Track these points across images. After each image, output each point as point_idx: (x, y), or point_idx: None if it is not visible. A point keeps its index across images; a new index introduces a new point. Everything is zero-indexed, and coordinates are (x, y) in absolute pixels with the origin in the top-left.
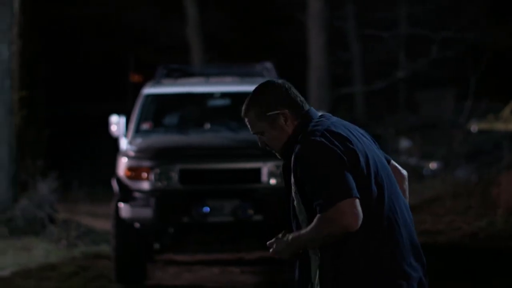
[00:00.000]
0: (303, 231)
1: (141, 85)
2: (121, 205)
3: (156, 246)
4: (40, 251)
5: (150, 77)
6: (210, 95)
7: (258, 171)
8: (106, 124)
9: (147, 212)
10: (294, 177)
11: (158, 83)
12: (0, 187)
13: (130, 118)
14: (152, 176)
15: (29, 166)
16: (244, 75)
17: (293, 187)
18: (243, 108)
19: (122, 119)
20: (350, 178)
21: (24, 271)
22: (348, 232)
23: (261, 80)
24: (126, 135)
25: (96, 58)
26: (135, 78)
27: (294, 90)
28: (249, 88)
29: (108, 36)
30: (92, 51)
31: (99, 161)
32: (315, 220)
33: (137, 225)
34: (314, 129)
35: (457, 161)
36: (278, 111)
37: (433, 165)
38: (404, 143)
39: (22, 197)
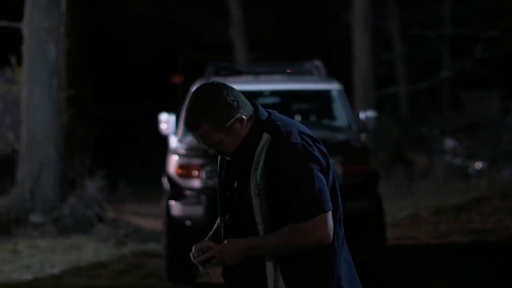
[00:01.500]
0: (265, 238)
1: (182, 86)
2: (172, 203)
3: None
4: (89, 250)
5: (196, 76)
6: (259, 93)
7: None
8: (153, 123)
9: (198, 210)
10: (265, 177)
11: (207, 81)
12: (48, 186)
13: (180, 116)
14: (203, 174)
15: (76, 164)
16: (293, 73)
17: (254, 188)
18: (191, 122)
19: (172, 117)
20: (327, 188)
21: (74, 269)
22: (320, 245)
23: (310, 78)
24: (176, 133)
25: (143, 57)
26: (176, 79)
27: (234, 89)
28: (298, 86)
29: (154, 36)
30: (138, 51)
31: (146, 161)
32: (286, 229)
33: (188, 223)
34: (284, 128)
35: (504, 160)
36: (234, 118)
37: (478, 165)
38: (449, 143)
39: (70, 196)
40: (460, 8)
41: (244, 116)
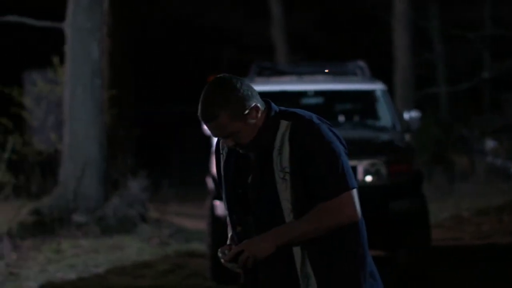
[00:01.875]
0: (294, 223)
1: None
2: (217, 203)
3: None
4: (132, 249)
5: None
6: (303, 94)
7: (353, 169)
8: (195, 124)
9: None
10: (290, 160)
11: (251, 81)
12: (91, 186)
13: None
14: None
15: (119, 164)
16: (336, 74)
17: (279, 173)
18: (208, 112)
19: None
20: (350, 166)
21: (118, 268)
22: (350, 223)
23: (354, 79)
24: None
25: (183, 58)
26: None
27: (246, 81)
28: (342, 86)
29: (194, 37)
30: (179, 51)
31: (188, 161)
32: (315, 209)
33: None
34: (302, 114)
35: None
36: (251, 106)
37: None
38: (490, 144)
39: (113, 196)
40: (501, 9)
41: (259, 105)
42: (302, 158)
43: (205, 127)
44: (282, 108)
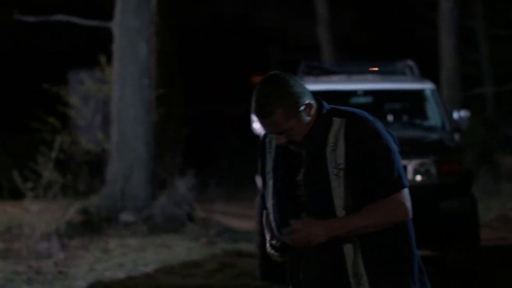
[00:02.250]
0: (350, 216)
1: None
2: None
3: None
4: (180, 249)
5: None
6: (353, 93)
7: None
8: (242, 123)
9: None
10: (346, 156)
11: (300, 80)
12: (139, 185)
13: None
14: None
15: (167, 164)
16: (385, 73)
17: (333, 169)
18: (264, 108)
19: None
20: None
21: (167, 268)
22: (401, 221)
23: (403, 78)
24: None
25: (229, 57)
26: (255, 80)
27: (298, 79)
28: (392, 86)
29: (240, 36)
30: (225, 50)
31: (235, 161)
32: (370, 205)
33: None
34: (356, 112)
35: None
36: (305, 103)
37: None
38: None
39: (160, 195)
40: None
41: (312, 102)
42: (358, 156)
43: (255, 125)
44: (333, 106)
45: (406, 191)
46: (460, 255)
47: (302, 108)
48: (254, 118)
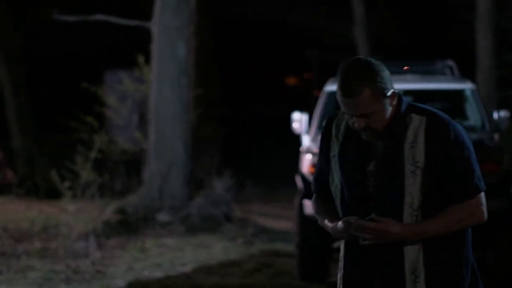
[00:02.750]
0: (429, 222)
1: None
2: (306, 202)
3: (337, 244)
4: (218, 248)
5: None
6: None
7: None
8: (281, 124)
9: None
10: (426, 155)
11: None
12: (176, 185)
13: (313, 115)
14: None
15: (204, 164)
16: (424, 73)
17: (410, 166)
18: (353, 86)
19: (305, 116)
20: None
21: (205, 267)
22: (476, 224)
23: (443, 78)
24: (308, 132)
25: (266, 58)
26: (291, 80)
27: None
28: (432, 85)
29: (276, 36)
30: (261, 51)
31: (273, 162)
32: (450, 209)
33: None
34: (436, 111)
35: None
36: (391, 90)
37: None
38: None
39: (197, 195)
40: None
41: (396, 92)
42: (438, 156)
43: (293, 125)
44: (411, 102)
45: (483, 194)
46: (500, 256)
47: (388, 94)
48: (293, 117)
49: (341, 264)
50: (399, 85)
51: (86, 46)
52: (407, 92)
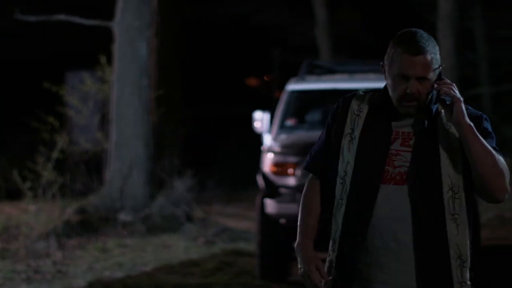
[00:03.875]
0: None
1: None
2: (267, 201)
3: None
4: (179, 248)
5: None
6: (354, 92)
7: None
8: (240, 124)
9: (293, 208)
10: (460, 138)
11: (302, 79)
12: (137, 185)
13: (274, 114)
14: (298, 172)
15: (165, 164)
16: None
17: (446, 147)
18: (420, 46)
19: (266, 115)
20: None
21: (166, 267)
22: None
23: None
24: (270, 132)
25: (229, 58)
26: (252, 80)
27: None
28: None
29: (239, 37)
30: (225, 51)
31: (234, 162)
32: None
33: (282, 221)
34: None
35: None
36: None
37: None
38: None
39: (159, 195)
40: None
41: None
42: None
43: (255, 125)
44: None
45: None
46: None
47: (440, 67)
48: (255, 117)
49: (335, 245)
50: (362, 84)
51: (49, 46)
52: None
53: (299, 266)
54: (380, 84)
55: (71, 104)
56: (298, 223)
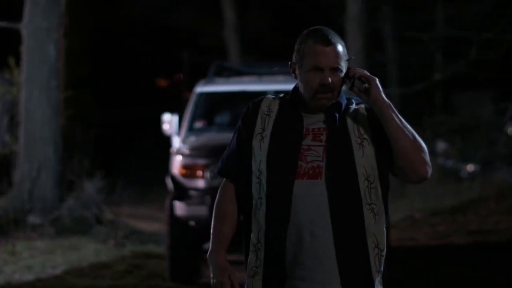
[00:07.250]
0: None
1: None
2: (176, 203)
3: (207, 246)
4: (89, 251)
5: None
6: (263, 94)
7: None
8: (150, 126)
9: (202, 210)
10: (370, 129)
11: (210, 81)
12: (46, 187)
13: (183, 116)
14: (207, 174)
15: (75, 166)
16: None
17: (356, 139)
18: (329, 37)
19: (175, 118)
20: None
21: (76, 269)
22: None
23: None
24: (179, 134)
25: (141, 60)
26: (162, 82)
27: None
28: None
29: (150, 38)
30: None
31: (144, 164)
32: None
33: (192, 223)
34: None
35: (499, 163)
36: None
37: (470, 168)
38: (441, 145)
39: (68, 197)
40: (454, 10)
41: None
42: (377, 130)
43: (164, 127)
44: None
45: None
46: None
47: (348, 59)
48: (164, 119)
49: (259, 245)
50: (270, 86)
51: None
52: (278, 93)
53: (211, 276)
54: (289, 86)
55: None
56: (211, 231)
